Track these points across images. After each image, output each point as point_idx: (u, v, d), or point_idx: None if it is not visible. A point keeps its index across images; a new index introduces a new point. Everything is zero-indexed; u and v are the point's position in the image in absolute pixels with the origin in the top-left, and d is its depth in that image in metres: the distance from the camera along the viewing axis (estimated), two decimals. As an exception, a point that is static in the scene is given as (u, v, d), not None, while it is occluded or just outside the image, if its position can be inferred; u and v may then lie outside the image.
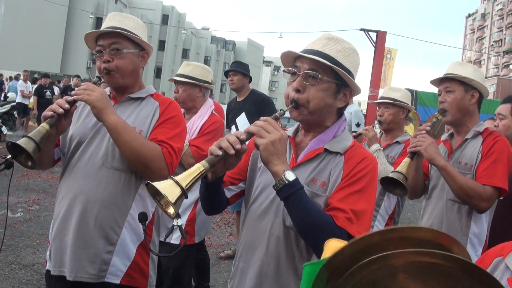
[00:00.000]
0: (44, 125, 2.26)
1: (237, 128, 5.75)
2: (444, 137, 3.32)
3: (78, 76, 17.95)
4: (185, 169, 1.67)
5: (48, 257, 2.58)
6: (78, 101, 2.40)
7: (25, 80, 17.55)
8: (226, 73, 6.08)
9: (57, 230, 2.51)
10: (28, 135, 2.21)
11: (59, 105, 2.32)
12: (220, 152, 1.68)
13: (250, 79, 6.12)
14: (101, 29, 2.57)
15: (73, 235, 2.43)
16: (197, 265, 4.58)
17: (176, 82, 3.99)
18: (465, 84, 3.01)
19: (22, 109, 16.92)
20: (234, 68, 5.98)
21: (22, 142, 2.17)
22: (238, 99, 6.11)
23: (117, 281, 2.46)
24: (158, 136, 2.49)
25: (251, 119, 5.46)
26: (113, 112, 2.38)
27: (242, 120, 5.89)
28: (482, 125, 3.08)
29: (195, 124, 3.90)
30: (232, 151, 1.69)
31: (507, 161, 2.90)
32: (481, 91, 3.05)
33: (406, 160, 3.05)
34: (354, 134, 3.98)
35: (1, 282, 4.84)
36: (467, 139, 3.08)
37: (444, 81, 3.09)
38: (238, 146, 1.70)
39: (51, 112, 2.30)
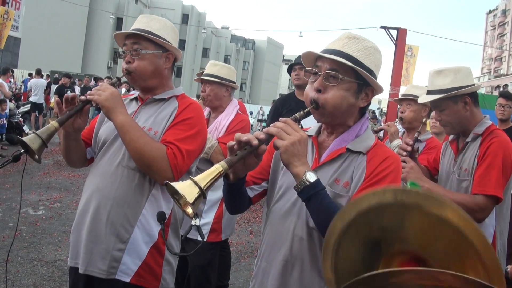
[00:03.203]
0: (54, 123, 2.35)
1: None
2: (451, 137, 3.16)
3: (101, 78, 18.08)
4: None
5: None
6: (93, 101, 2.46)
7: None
8: (291, 67, 5.35)
9: (76, 223, 2.60)
10: (36, 132, 2.31)
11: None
12: (243, 139, 1.68)
13: None
14: (128, 31, 2.63)
15: (87, 230, 2.49)
16: (218, 263, 4.60)
17: (203, 81, 4.02)
18: (451, 97, 2.84)
19: (38, 106, 17.17)
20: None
21: (27, 139, 2.28)
22: (300, 98, 5.33)
23: (127, 279, 2.48)
24: (167, 137, 2.49)
25: None
26: (122, 112, 2.42)
27: (310, 122, 5.44)
28: (484, 124, 2.91)
29: (221, 122, 3.94)
30: (255, 142, 1.68)
31: (502, 165, 2.74)
32: (471, 92, 2.87)
33: None
34: (375, 129, 3.96)
35: (23, 279, 4.91)
36: (467, 142, 2.94)
37: (432, 102, 2.94)
38: (255, 142, 1.69)
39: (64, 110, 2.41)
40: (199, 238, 1.87)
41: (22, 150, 2.33)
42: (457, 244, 0.95)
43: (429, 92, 2.95)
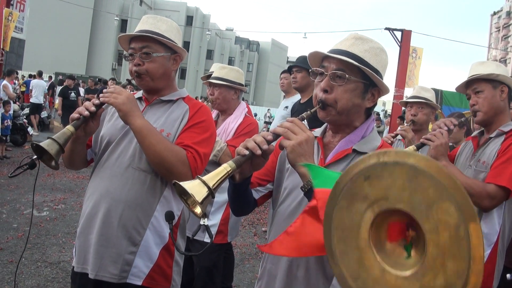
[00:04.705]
0: (69, 127, 2.29)
1: None
2: (474, 133, 3.26)
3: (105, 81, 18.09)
4: None
5: (74, 253, 2.61)
6: (106, 104, 2.41)
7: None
8: (290, 69, 5.42)
9: (82, 227, 2.53)
10: (53, 137, 2.23)
11: (85, 107, 2.35)
12: (246, 152, 1.67)
13: None
14: (134, 32, 2.58)
15: (97, 234, 2.45)
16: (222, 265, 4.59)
17: (211, 84, 4.01)
18: (491, 81, 2.96)
19: (38, 107, 17.23)
20: (299, 64, 5.22)
21: (45, 144, 2.20)
22: (301, 101, 5.40)
23: (139, 282, 2.46)
24: (184, 140, 2.47)
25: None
26: (139, 116, 2.39)
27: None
28: (510, 125, 2.98)
29: (230, 125, 3.93)
30: (258, 152, 1.67)
31: None
32: (509, 85, 2.98)
33: (411, 148, 3.12)
34: (391, 134, 3.94)
35: (27, 280, 4.91)
36: (490, 138, 3.02)
37: (471, 83, 3.05)
38: (265, 146, 1.68)
39: (78, 115, 2.33)
40: (205, 239, 1.85)
41: (35, 156, 2.24)
42: (433, 190, 1.03)
43: (470, 78, 3.05)
